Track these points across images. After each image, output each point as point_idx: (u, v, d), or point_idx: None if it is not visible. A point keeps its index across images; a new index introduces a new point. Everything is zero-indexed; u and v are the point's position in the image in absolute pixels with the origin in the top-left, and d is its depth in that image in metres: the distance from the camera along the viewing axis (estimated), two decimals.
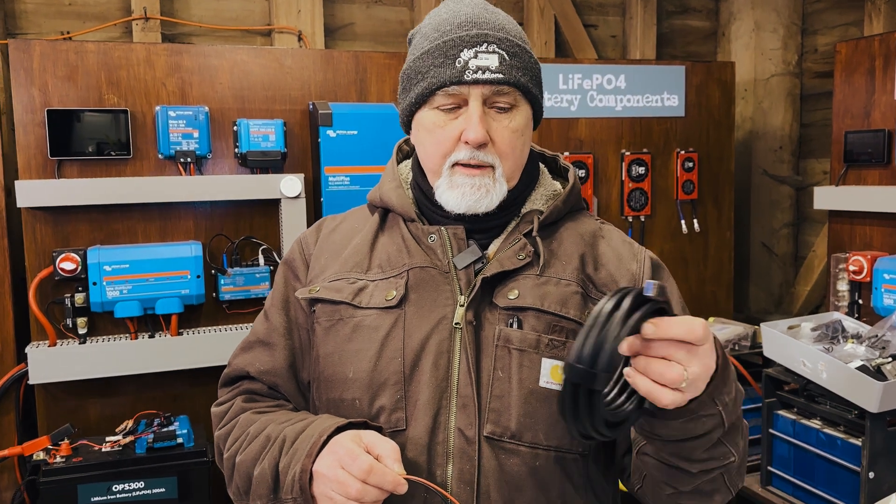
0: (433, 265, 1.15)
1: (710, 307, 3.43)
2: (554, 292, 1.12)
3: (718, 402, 0.95)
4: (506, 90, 1.10)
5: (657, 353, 0.88)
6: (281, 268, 1.29)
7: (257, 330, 1.26)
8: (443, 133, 1.12)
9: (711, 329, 0.94)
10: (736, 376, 1.02)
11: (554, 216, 1.20)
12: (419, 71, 1.13)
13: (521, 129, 1.14)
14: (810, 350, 2.32)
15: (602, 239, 1.23)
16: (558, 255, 1.17)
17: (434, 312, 1.11)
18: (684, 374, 0.87)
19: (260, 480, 1.08)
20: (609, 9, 3.86)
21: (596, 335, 0.84)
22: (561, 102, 3.13)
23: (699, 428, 0.96)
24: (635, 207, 3.25)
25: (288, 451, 1.06)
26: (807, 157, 3.81)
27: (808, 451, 2.38)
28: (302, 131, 2.76)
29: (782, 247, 3.85)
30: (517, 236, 1.17)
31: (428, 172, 1.18)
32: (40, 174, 2.48)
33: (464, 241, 1.16)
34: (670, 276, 1.25)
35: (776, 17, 3.78)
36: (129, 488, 2.23)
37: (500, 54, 1.10)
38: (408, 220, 1.21)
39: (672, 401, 0.89)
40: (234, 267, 2.64)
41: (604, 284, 1.17)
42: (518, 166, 1.17)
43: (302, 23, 3.23)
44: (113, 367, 2.45)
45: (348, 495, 0.96)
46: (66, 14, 3.02)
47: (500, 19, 1.14)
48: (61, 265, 2.41)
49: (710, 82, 3.38)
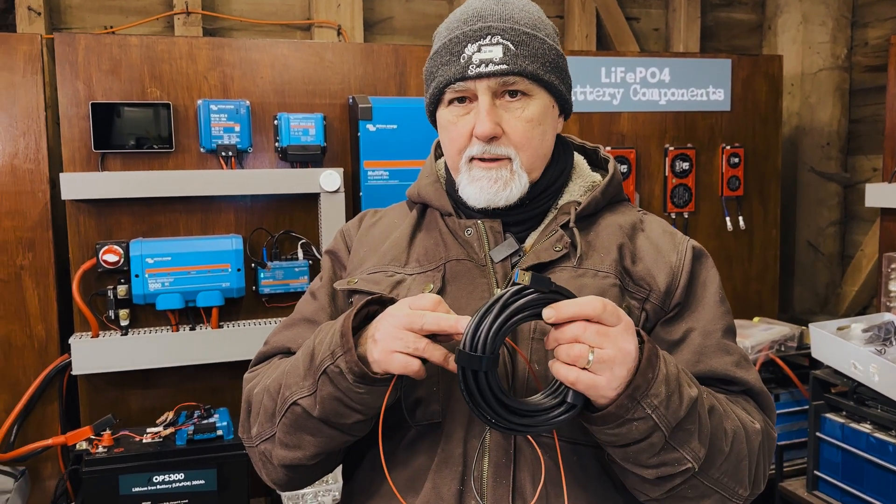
0: (470, 258, 1.14)
1: (755, 307, 3.35)
2: (591, 284, 1.10)
3: (645, 405, 0.91)
4: (513, 80, 1.09)
5: (566, 337, 0.90)
6: (326, 257, 1.30)
7: (302, 309, 1.25)
8: (456, 129, 1.12)
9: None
10: (681, 379, 0.96)
11: (592, 207, 1.18)
12: (431, 71, 1.15)
13: (537, 118, 1.12)
14: (862, 352, 2.25)
15: (642, 231, 1.20)
16: (596, 246, 1.15)
17: (470, 305, 1.10)
18: (588, 351, 0.88)
19: (291, 371, 1.07)
20: (652, 1, 3.79)
21: (477, 321, 0.90)
22: (603, 96, 3.08)
23: (632, 433, 0.93)
24: (679, 204, 3.19)
25: (318, 334, 1.05)
26: (855, 154, 3.71)
27: (857, 455, 2.31)
28: (341, 125, 2.75)
29: (829, 246, 3.75)
30: (554, 228, 1.15)
31: (451, 169, 1.19)
32: (84, 167, 2.50)
33: (500, 233, 1.15)
34: (713, 265, 1.21)
35: (825, 9, 3.68)
36: (169, 479, 2.25)
37: (504, 45, 1.08)
38: (445, 215, 1.21)
39: (578, 379, 0.89)
40: (274, 261, 2.65)
41: (640, 278, 1.14)
42: (538, 156, 1.15)
43: (341, 17, 3.23)
44: (154, 359, 2.47)
45: (423, 325, 0.94)
46: (110, 9, 3.05)
47: (508, 9, 1.12)
48: (104, 257, 2.43)
49: (757, 76, 3.31)
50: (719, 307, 1.16)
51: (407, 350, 0.94)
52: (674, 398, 0.94)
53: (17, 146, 2.47)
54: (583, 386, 0.90)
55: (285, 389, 1.06)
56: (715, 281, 1.18)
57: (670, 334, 1.13)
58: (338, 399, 0.99)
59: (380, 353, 0.96)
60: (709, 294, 1.16)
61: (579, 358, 0.89)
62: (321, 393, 1.00)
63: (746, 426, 1.06)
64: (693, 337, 1.13)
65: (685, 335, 1.13)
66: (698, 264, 1.18)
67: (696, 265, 1.18)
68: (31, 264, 2.50)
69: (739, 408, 1.10)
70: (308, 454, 1.07)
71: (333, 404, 1.00)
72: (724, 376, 1.11)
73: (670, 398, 0.93)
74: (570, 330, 0.89)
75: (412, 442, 1.09)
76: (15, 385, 2.51)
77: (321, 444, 1.06)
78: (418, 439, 1.08)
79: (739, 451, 1.03)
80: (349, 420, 1.02)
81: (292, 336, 1.22)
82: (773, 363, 2.75)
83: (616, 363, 0.89)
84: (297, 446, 1.07)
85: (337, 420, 1.02)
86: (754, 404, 1.14)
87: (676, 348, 1.12)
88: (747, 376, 1.13)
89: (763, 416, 1.13)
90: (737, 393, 1.13)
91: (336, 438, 1.06)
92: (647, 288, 1.14)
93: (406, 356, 0.95)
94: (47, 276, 2.52)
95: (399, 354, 0.95)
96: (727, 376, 1.11)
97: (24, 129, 2.47)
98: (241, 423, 1.18)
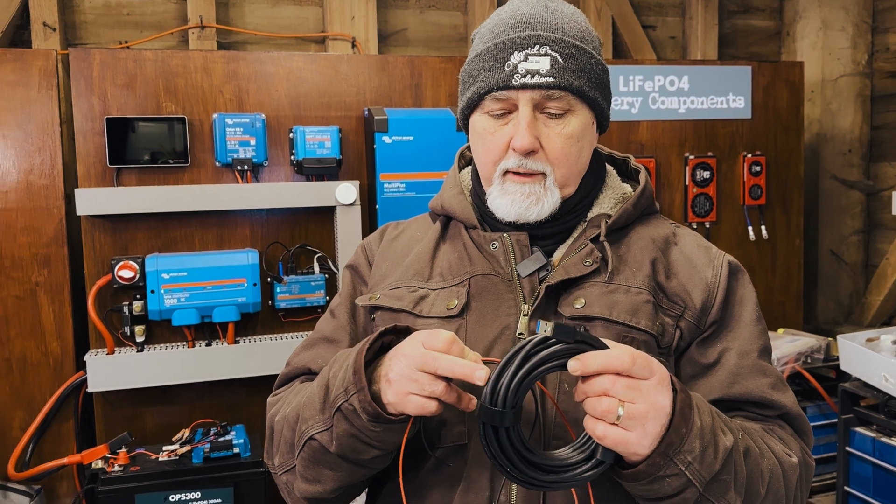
0: (495, 273, 1.10)
1: (779, 318, 3.29)
2: (623, 301, 1.06)
3: (678, 462, 0.87)
4: (557, 94, 1.04)
5: (595, 390, 0.85)
6: (346, 272, 1.27)
7: (322, 328, 1.22)
8: (492, 139, 1.08)
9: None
10: (716, 428, 0.92)
11: (623, 220, 1.14)
12: (471, 74, 1.10)
13: (577, 134, 1.07)
14: (893, 364, 2.19)
15: (675, 245, 1.16)
16: (628, 261, 1.10)
17: (497, 322, 1.06)
18: (617, 405, 0.84)
19: (307, 404, 1.03)
20: (668, 9, 3.76)
21: (498, 374, 0.86)
22: (621, 105, 3.04)
23: (664, 489, 0.89)
24: (700, 213, 3.14)
25: (333, 365, 1.02)
26: (878, 161, 3.64)
27: (889, 470, 2.25)
28: (357, 138, 2.73)
29: (852, 255, 3.68)
30: (584, 241, 1.11)
31: (482, 179, 1.14)
32: (99, 182, 2.49)
33: (527, 247, 1.11)
34: (749, 282, 1.16)
35: (844, 15, 3.63)
36: (185, 498, 2.22)
37: (552, 56, 1.04)
38: (469, 228, 1.16)
39: (606, 434, 0.85)
40: (290, 275, 2.62)
41: (675, 294, 1.10)
42: (573, 173, 1.11)
43: (356, 29, 3.21)
44: (170, 376, 2.44)
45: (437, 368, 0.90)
46: (125, 24, 3.05)
47: (558, 18, 1.08)
48: (120, 273, 2.41)
49: (778, 83, 3.26)
50: (756, 326, 1.12)
51: (423, 393, 0.91)
52: (708, 452, 0.90)
53: (33, 162, 2.47)
54: (611, 442, 0.85)
55: (302, 423, 1.04)
56: (752, 298, 1.14)
57: (705, 357, 1.09)
58: (354, 436, 0.97)
59: (394, 395, 0.93)
60: (746, 312, 1.12)
61: (608, 413, 0.84)
62: (337, 429, 0.98)
63: (783, 463, 1.02)
64: (729, 357, 1.08)
65: (721, 355, 1.09)
66: (735, 280, 1.14)
67: (733, 281, 1.13)
68: (47, 280, 2.49)
69: (776, 438, 1.06)
70: (329, 488, 1.05)
71: (350, 441, 0.98)
72: (759, 400, 1.07)
73: (705, 452, 0.89)
74: (599, 383, 0.85)
75: (437, 465, 1.05)
76: (31, 402, 2.49)
77: (341, 478, 1.03)
78: (443, 462, 1.05)
79: (777, 490, 0.99)
80: (367, 456, 0.99)
81: (312, 356, 1.19)
82: (800, 376, 2.69)
83: (648, 419, 0.85)
84: (316, 480, 1.05)
85: (354, 456, 0.99)
86: (790, 430, 1.09)
87: (711, 369, 1.08)
88: (784, 399, 1.09)
89: (800, 443, 1.09)
90: (772, 418, 1.09)
91: (356, 472, 1.03)
92: (682, 305, 1.09)
93: (422, 398, 0.91)
94: (62, 293, 2.51)
95: (415, 396, 0.91)
96: (763, 400, 1.07)
97: (39, 144, 2.47)
98: (266, 450, 1.16)
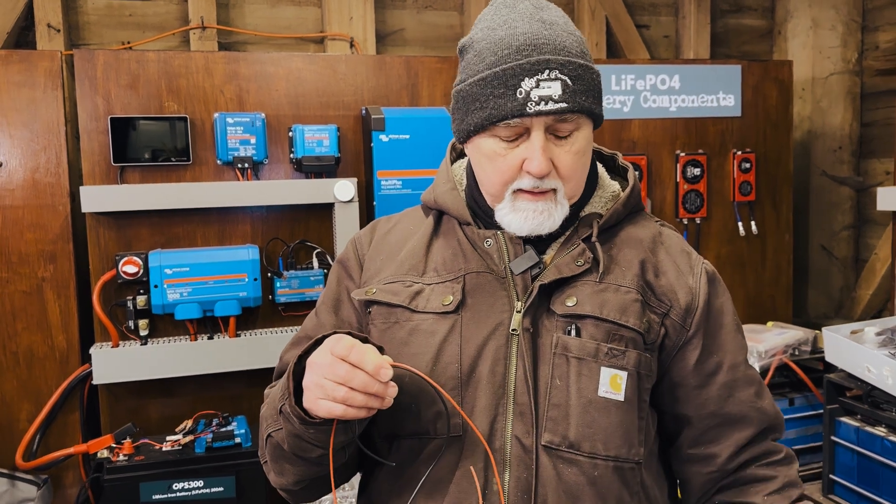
0: (489, 270, 1.13)
1: (769, 312, 3.35)
2: (613, 300, 1.10)
3: None
4: (570, 117, 1.07)
5: None
6: (335, 267, 1.29)
7: (306, 326, 1.28)
8: (504, 162, 1.09)
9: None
10: None
11: (613, 220, 1.18)
12: (477, 98, 1.08)
13: (584, 149, 1.11)
14: (876, 355, 2.25)
15: (662, 245, 1.20)
16: (618, 260, 1.14)
17: (491, 318, 1.10)
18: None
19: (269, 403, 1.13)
20: (661, 9, 3.81)
21: None
22: (613, 104, 3.10)
23: None
24: (691, 210, 3.20)
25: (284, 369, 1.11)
26: (868, 158, 3.70)
27: (872, 459, 2.31)
28: (355, 136, 2.79)
29: (842, 250, 3.74)
30: (575, 241, 1.15)
31: (487, 195, 1.15)
32: (104, 180, 2.55)
33: (520, 245, 1.14)
34: (726, 289, 1.22)
35: (835, 14, 3.69)
36: (188, 487, 2.28)
37: (562, 80, 1.05)
38: (463, 224, 1.19)
39: None
40: (290, 270, 2.68)
41: (663, 294, 1.15)
42: (580, 184, 1.15)
43: (354, 29, 3.27)
44: (173, 368, 2.50)
45: (335, 376, 0.96)
46: (127, 24, 3.11)
47: (559, 36, 1.08)
48: (124, 268, 2.47)
49: (767, 81, 3.32)
50: (738, 334, 1.20)
51: (327, 397, 0.97)
52: None
53: (39, 160, 2.53)
54: None
55: (264, 421, 1.14)
56: (730, 308, 1.20)
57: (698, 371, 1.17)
58: (297, 436, 1.04)
59: (307, 400, 1.00)
60: (727, 322, 1.18)
61: None
62: (285, 430, 1.06)
63: None
64: (723, 371, 1.17)
65: (716, 369, 1.16)
66: (713, 289, 1.19)
67: (711, 289, 1.18)
68: (53, 276, 2.55)
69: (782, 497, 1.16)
70: (291, 480, 1.14)
71: (295, 440, 1.05)
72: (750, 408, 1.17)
73: None
74: None
75: (432, 454, 1.09)
76: (37, 395, 2.55)
77: (300, 472, 1.12)
78: (438, 452, 1.08)
79: None
80: (313, 454, 1.06)
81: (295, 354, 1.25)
82: (787, 367, 2.75)
83: None
84: (280, 473, 1.15)
85: (303, 454, 1.07)
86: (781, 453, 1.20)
87: (705, 382, 1.16)
88: (764, 404, 1.19)
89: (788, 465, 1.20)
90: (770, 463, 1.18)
91: (313, 468, 1.10)
92: (669, 303, 1.14)
93: (328, 402, 0.97)
94: (68, 288, 2.57)
95: (322, 401, 0.98)
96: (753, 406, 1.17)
97: (44, 143, 2.53)
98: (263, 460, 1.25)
